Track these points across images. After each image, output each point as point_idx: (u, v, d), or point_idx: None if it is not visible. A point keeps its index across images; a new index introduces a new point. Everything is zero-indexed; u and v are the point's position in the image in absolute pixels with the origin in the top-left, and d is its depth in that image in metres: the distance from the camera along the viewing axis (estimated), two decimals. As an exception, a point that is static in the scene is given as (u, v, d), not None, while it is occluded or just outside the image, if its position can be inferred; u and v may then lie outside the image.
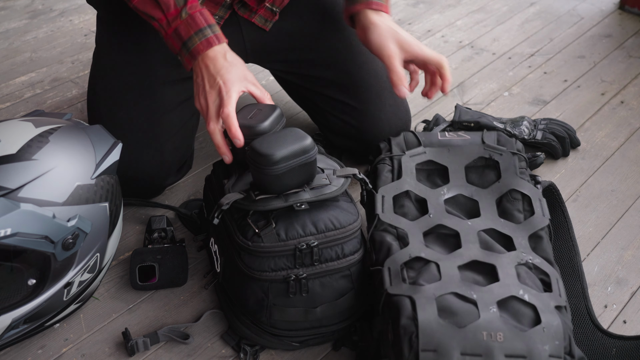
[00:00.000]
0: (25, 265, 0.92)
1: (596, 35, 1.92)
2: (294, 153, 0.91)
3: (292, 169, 0.92)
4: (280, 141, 0.92)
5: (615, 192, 1.34)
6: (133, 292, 1.11)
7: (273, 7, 1.25)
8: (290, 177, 0.93)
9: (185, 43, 1.02)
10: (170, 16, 1.03)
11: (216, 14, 1.21)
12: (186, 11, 1.02)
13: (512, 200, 1.06)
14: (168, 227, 1.18)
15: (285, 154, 0.90)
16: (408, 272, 0.93)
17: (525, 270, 0.93)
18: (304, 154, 0.92)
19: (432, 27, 1.97)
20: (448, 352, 0.81)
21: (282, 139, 0.92)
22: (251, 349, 1.00)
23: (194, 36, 1.01)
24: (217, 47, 1.02)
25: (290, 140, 0.92)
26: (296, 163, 0.92)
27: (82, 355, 1.01)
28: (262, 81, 1.68)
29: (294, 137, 0.92)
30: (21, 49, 1.85)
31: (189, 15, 1.02)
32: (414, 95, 1.64)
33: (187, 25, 1.02)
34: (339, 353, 1.02)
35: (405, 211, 1.04)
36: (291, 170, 0.92)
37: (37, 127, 0.95)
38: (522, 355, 0.81)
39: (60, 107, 1.60)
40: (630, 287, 1.14)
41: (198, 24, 1.02)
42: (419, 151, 1.13)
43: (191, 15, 1.02)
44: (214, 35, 1.02)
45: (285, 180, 0.93)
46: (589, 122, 1.54)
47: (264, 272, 0.95)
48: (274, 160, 0.90)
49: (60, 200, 0.91)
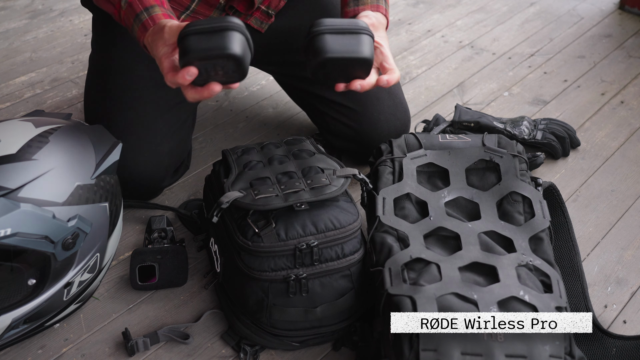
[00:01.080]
0: (25, 265, 0.92)
1: (596, 35, 1.92)
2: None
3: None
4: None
5: (615, 192, 1.34)
6: (133, 292, 1.11)
7: (269, 9, 1.25)
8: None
9: (132, 32, 1.00)
10: (117, 7, 1.01)
11: (210, 17, 1.21)
12: (125, 0, 0.99)
13: (513, 203, 1.06)
14: (168, 227, 1.18)
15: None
16: (409, 273, 0.93)
17: (525, 272, 0.93)
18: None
19: (432, 27, 1.97)
20: (448, 351, 0.81)
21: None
22: (251, 349, 1.00)
23: (134, 24, 0.98)
24: (152, 29, 0.95)
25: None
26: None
27: (82, 355, 1.01)
28: (262, 81, 1.69)
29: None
30: (21, 49, 1.85)
31: (127, 3, 0.99)
32: (414, 95, 1.64)
33: (128, 13, 0.99)
34: (339, 353, 1.02)
35: (405, 213, 1.04)
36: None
37: (37, 127, 0.95)
38: (523, 355, 0.81)
39: (60, 107, 1.60)
40: (630, 287, 1.14)
41: (135, 9, 0.98)
42: (419, 153, 1.13)
43: (129, 3, 0.99)
44: (148, 18, 0.96)
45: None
46: (589, 122, 1.54)
47: (263, 272, 0.95)
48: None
49: (60, 200, 0.91)
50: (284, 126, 1.53)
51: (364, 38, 0.91)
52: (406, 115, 1.33)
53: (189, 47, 0.84)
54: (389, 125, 1.28)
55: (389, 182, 1.09)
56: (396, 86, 1.33)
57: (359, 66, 0.92)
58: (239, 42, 0.85)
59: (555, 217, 1.15)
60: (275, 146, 1.11)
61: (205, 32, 0.84)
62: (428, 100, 1.63)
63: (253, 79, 1.70)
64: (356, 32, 0.91)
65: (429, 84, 1.70)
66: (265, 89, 1.66)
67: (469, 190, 1.08)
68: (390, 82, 0.97)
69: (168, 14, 0.97)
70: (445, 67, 1.77)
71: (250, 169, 1.04)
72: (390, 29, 1.95)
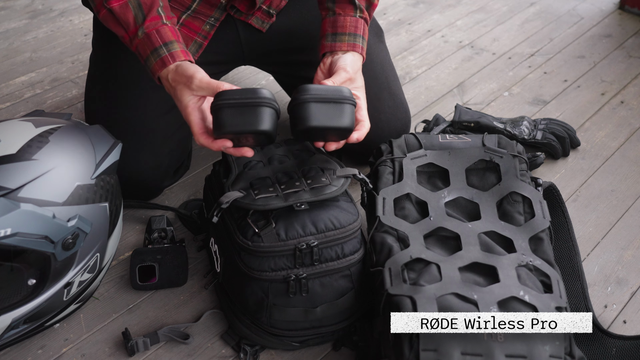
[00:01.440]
0: (25, 265, 0.92)
1: (596, 35, 1.92)
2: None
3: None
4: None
5: (615, 192, 1.34)
6: (133, 292, 1.11)
7: (270, 9, 1.25)
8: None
9: (145, 62, 1.02)
10: (131, 34, 1.02)
11: (212, 16, 1.21)
12: (143, 30, 1.01)
13: (513, 203, 1.06)
14: (168, 227, 1.18)
15: None
16: (409, 273, 0.93)
17: (525, 272, 0.93)
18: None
19: (432, 27, 1.97)
20: (448, 351, 0.81)
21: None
22: (251, 349, 1.00)
23: (150, 56, 1.00)
24: (170, 67, 0.98)
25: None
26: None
27: (82, 355, 1.01)
28: (262, 81, 1.68)
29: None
30: (21, 49, 1.85)
31: (145, 34, 1.01)
32: (414, 95, 1.64)
33: (144, 44, 1.01)
34: (339, 353, 1.02)
35: (405, 213, 1.04)
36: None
37: (37, 127, 0.95)
38: (523, 355, 0.81)
39: (60, 107, 1.60)
40: (630, 287, 1.14)
41: (153, 42, 1.00)
42: (420, 154, 1.13)
43: (147, 34, 1.01)
44: (168, 55, 0.99)
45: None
46: (589, 122, 1.54)
47: (264, 272, 0.95)
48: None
49: (60, 200, 0.91)
50: (284, 126, 1.53)
51: (346, 108, 0.96)
52: (407, 116, 1.33)
53: (223, 122, 0.91)
54: (389, 126, 1.28)
55: (389, 182, 1.09)
56: (397, 86, 1.33)
57: (340, 132, 0.97)
58: (269, 118, 0.92)
59: (555, 217, 1.15)
60: (275, 146, 1.11)
61: (238, 106, 0.91)
62: (428, 100, 1.63)
63: (253, 79, 1.70)
64: (339, 101, 0.95)
65: (429, 84, 1.70)
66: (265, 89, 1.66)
67: (469, 191, 1.08)
68: (360, 139, 1.01)
69: (185, 51, 1.01)
70: (445, 67, 1.77)
71: (250, 169, 1.04)
72: (390, 29, 1.95)
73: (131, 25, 1.02)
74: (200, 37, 1.22)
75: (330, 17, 1.11)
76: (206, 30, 1.22)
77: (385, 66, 1.32)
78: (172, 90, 1.00)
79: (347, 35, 1.09)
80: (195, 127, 0.97)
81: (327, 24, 1.11)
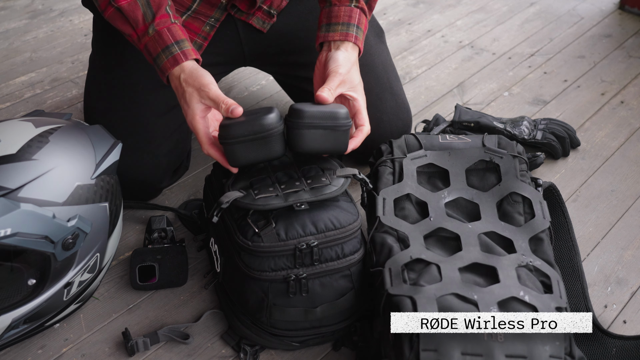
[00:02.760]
0: (25, 265, 0.92)
1: (596, 35, 1.92)
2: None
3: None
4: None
5: (615, 192, 1.34)
6: (133, 292, 1.11)
7: (270, 9, 1.25)
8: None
9: (154, 59, 1.02)
10: (140, 32, 1.02)
11: (212, 16, 1.20)
12: (154, 27, 1.01)
13: (513, 203, 1.06)
14: (168, 227, 1.18)
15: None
16: (409, 273, 0.93)
17: (525, 272, 0.93)
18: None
19: (432, 27, 1.98)
20: (448, 352, 0.81)
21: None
22: (251, 349, 1.00)
23: (161, 53, 1.01)
24: (184, 65, 1.00)
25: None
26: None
27: (82, 355, 1.01)
28: (262, 81, 1.69)
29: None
30: (21, 49, 1.85)
31: (156, 31, 1.01)
32: (414, 95, 1.64)
33: (155, 42, 1.01)
34: (339, 353, 1.02)
35: (405, 214, 1.04)
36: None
37: (37, 127, 0.95)
38: (523, 355, 0.81)
39: (60, 107, 1.60)
40: (630, 287, 1.14)
41: (165, 40, 1.01)
42: (420, 154, 1.13)
43: (158, 32, 1.01)
44: (180, 52, 1.00)
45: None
46: (589, 122, 1.54)
47: (264, 272, 0.95)
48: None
49: (60, 200, 0.91)
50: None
51: (340, 134, 0.98)
52: (408, 116, 1.33)
53: (237, 157, 0.96)
54: (391, 125, 1.28)
55: (389, 183, 1.09)
56: (398, 86, 1.33)
57: (334, 153, 1.02)
58: (280, 143, 0.96)
59: (555, 217, 1.15)
60: (276, 146, 1.10)
61: (249, 142, 0.94)
62: (428, 100, 1.63)
63: (253, 79, 1.70)
64: (333, 128, 0.97)
65: (429, 84, 1.70)
66: (265, 89, 1.66)
67: (469, 191, 1.08)
68: (356, 147, 1.02)
69: (195, 50, 1.02)
70: (445, 67, 1.77)
71: (250, 169, 1.04)
72: (390, 29, 1.95)
73: (140, 23, 1.02)
74: (200, 38, 1.21)
75: (326, 9, 1.11)
76: (206, 31, 1.21)
77: (386, 67, 1.32)
78: (180, 89, 1.00)
79: (340, 25, 1.08)
80: (202, 138, 0.98)
81: (323, 15, 1.11)
